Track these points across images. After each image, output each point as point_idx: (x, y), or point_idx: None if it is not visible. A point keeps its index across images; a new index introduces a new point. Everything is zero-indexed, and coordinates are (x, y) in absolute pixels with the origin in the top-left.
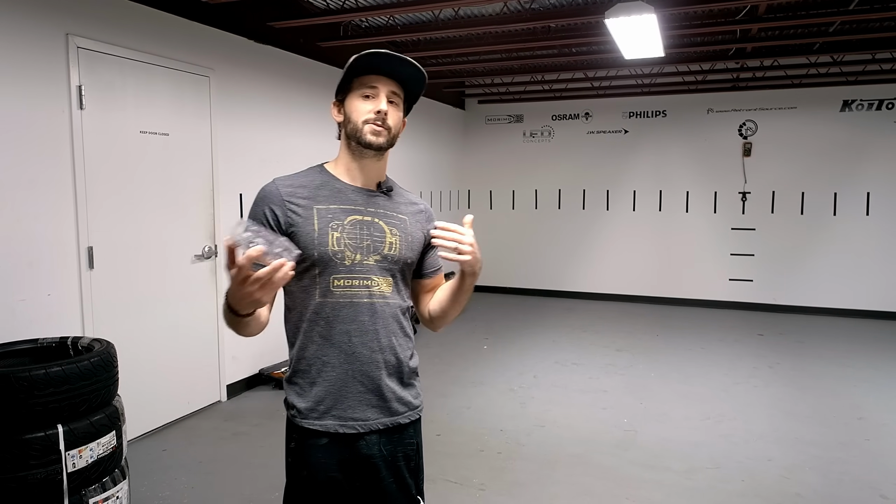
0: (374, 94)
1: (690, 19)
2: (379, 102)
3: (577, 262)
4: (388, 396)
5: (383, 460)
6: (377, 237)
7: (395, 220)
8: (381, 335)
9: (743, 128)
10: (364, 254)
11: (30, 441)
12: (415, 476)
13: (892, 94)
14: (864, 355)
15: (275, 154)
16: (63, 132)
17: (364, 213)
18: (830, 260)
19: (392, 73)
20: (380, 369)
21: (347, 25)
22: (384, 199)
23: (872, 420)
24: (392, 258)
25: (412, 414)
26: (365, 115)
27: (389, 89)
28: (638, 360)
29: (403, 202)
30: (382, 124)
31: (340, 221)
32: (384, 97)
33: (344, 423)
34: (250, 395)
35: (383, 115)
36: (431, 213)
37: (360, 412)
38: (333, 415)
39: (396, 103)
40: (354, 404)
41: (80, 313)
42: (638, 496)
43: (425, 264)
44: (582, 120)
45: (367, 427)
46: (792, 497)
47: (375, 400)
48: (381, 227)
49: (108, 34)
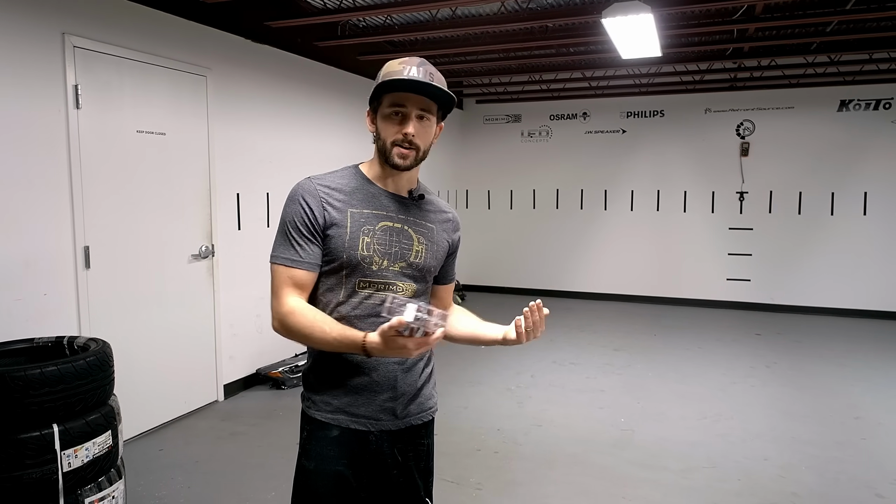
0: (403, 115)
1: (687, 19)
2: (407, 125)
3: (574, 262)
4: (400, 398)
5: (393, 459)
6: (405, 245)
7: (424, 228)
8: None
9: (740, 128)
10: (391, 260)
11: (25, 441)
12: (424, 477)
13: (889, 93)
14: (862, 355)
15: (272, 154)
16: (59, 132)
17: (395, 220)
18: (828, 260)
19: (425, 92)
20: (395, 372)
21: (345, 25)
22: (415, 208)
23: (869, 419)
24: (417, 266)
25: (425, 416)
26: (393, 136)
27: (419, 107)
28: (635, 359)
29: (433, 210)
30: (410, 146)
31: (372, 227)
32: (413, 118)
33: (356, 420)
34: (247, 394)
35: (410, 138)
36: (458, 221)
37: (372, 411)
38: (346, 411)
39: (427, 118)
40: (367, 403)
41: (76, 313)
42: (635, 495)
43: (442, 272)
44: (580, 120)
45: (378, 427)
46: (788, 496)
47: (388, 401)
48: (409, 234)
49: (104, 33)
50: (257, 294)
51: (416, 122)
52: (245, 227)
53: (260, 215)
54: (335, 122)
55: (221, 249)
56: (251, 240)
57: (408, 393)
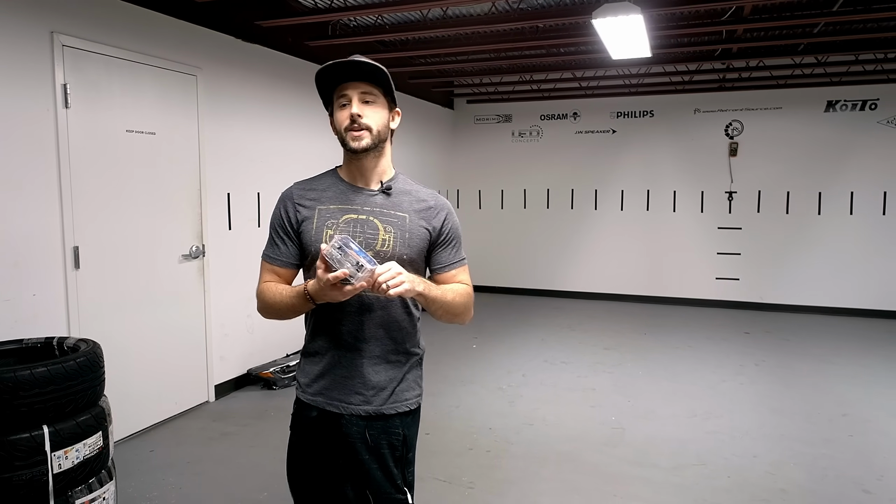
0: (347, 101)
1: (677, 20)
2: (352, 107)
3: (565, 262)
4: (369, 385)
5: (364, 444)
6: (370, 234)
7: (392, 217)
8: (366, 327)
9: (729, 128)
10: None
11: (15, 442)
12: (401, 466)
13: (875, 94)
14: (849, 353)
15: (263, 153)
16: (48, 131)
17: (360, 212)
18: (815, 259)
19: (356, 76)
20: (362, 358)
21: (336, 25)
22: (382, 198)
23: (857, 416)
24: (385, 255)
25: (400, 406)
26: (344, 122)
27: (360, 91)
28: (626, 358)
29: (408, 200)
30: (360, 126)
31: (336, 220)
32: (356, 101)
33: (330, 403)
34: (238, 395)
35: (356, 117)
36: (444, 208)
37: (343, 395)
38: (323, 393)
39: (372, 101)
40: (339, 388)
41: (65, 313)
42: (626, 493)
43: (432, 260)
44: (570, 120)
45: (348, 410)
46: (777, 493)
47: (358, 387)
48: (375, 224)
49: (93, 32)
50: (248, 294)
51: (360, 105)
52: (236, 228)
53: (250, 216)
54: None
55: (212, 250)
56: (242, 240)
57: (379, 385)
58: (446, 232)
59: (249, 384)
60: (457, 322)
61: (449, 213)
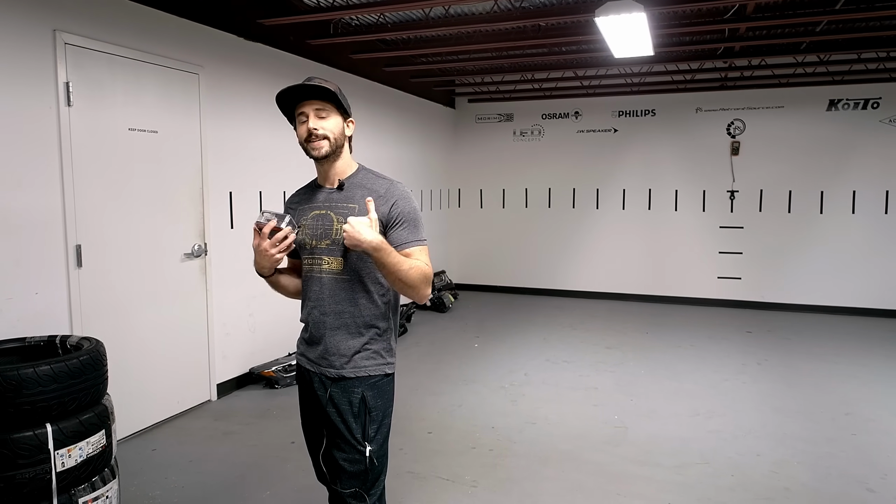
0: (305, 118)
1: (679, 18)
2: (307, 123)
3: (567, 261)
4: (331, 351)
5: (330, 399)
6: (327, 226)
7: (344, 209)
8: (326, 303)
9: (731, 127)
10: (318, 239)
11: (18, 440)
12: (363, 423)
13: (877, 93)
14: (851, 352)
15: (265, 152)
16: (50, 129)
17: (321, 208)
18: (817, 258)
19: (310, 96)
20: (326, 328)
21: (338, 23)
22: (338, 194)
23: (859, 415)
24: (339, 241)
25: (359, 370)
26: (303, 136)
27: (315, 108)
28: (628, 357)
29: (361, 192)
30: (317, 137)
31: (306, 216)
32: (311, 114)
33: (309, 362)
34: (241, 394)
35: (313, 130)
36: (393, 194)
37: (316, 358)
38: (303, 355)
39: (326, 115)
40: (310, 352)
41: (68, 312)
42: (628, 492)
43: (390, 240)
44: (572, 119)
45: (316, 370)
46: (780, 491)
47: (322, 352)
48: (331, 217)
49: (96, 30)
50: (250, 293)
51: (315, 119)
52: (238, 226)
53: (253, 214)
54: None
55: (214, 248)
56: (244, 239)
57: (339, 352)
58: (395, 215)
59: (251, 383)
60: (410, 296)
61: (399, 199)
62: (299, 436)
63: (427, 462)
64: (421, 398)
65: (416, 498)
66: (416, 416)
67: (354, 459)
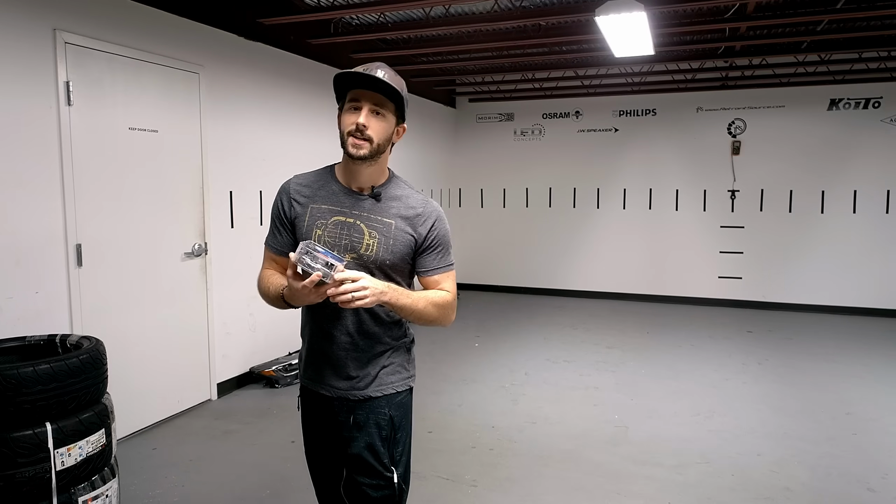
0: (357, 108)
1: (680, 17)
2: (360, 116)
3: (567, 261)
4: (354, 374)
5: (354, 423)
6: (356, 238)
7: (378, 223)
8: (348, 322)
9: (732, 126)
10: (340, 252)
11: (18, 439)
12: (389, 446)
13: (878, 92)
14: (852, 351)
15: (265, 152)
16: (51, 128)
17: (348, 216)
18: (818, 257)
19: (377, 88)
20: (347, 350)
21: (338, 23)
22: (371, 203)
23: (860, 415)
24: (367, 258)
25: (385, 388)
26: (348, 126)
27: (372, 101)
28: (628, 357)
29: (396, 206)
30: (362, 136)
31: (325, 220)
32: (366, 110)
33: (323, 387)
34: (241, 393)
35: (362, 127)
36: (432, 215)
37: (331, 381)
38: (315, 379)
39: (382, 114)
40: (327, 375)
41: (68, 311)
42: (629, 491)
43: (418, 264)
44: (572, 118)
45: (336, 394)
46: (781, 491)
47: (344, 374)
48: (360, 228)
49: (96, 30)
50: (250, 293)
51: (369, 115)
52: (238, 226)
53: (253, 214)
54: (328, 120)
55: (214, 247)
56: (244, 238)
57: (362, 372)
58: (432, 238)
59: (252, 382)
60: (434, 325)
61: (437, 220)
62: (299, 435)
63: (427, 461)
64: (421, 397)
65: (417, 497)
66: (416, 416)
67: (380, 486)
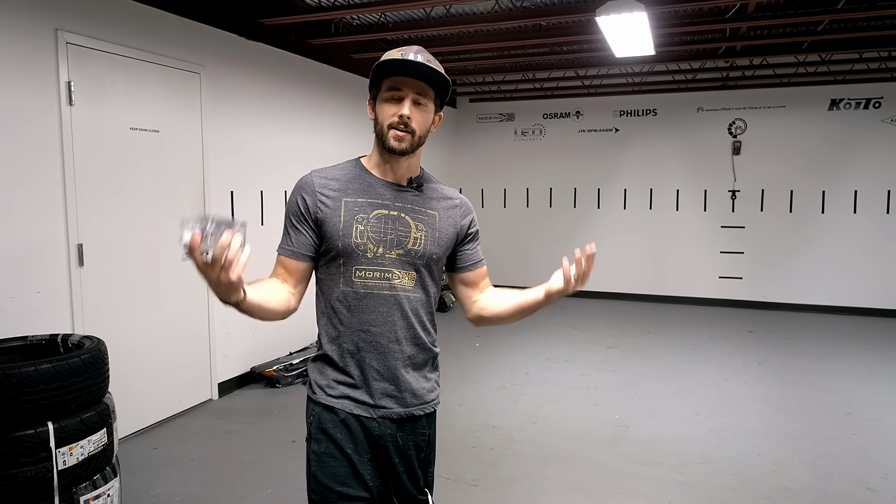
0: (399, 97)
1: (680, 18)
2: (403, 106)
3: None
4: (402, 387)
5: (395, 446)
6: (402, 232)
7: (424, 215)
8: (398, 327)
9: (732, 126)
10: (387, 247)
11: (20, 438)
12: (424, 467)
13: (879, 92)
14: (852, 351)
15: (266, 152)
16: (52, 129)
17: (391, 208)
18: (819, 257)
19: (420, 76)
20: (396, 360)
21: (339, 23)
22: (413, 195)
23: (860, 415)
24: (416, 253)
25: (427, 407)
26: (389, 118)
27: (415, 91)
28: (629, 357)
29: (436, 197)
30: (406, 129)
31: (366, 215)
32: (409, 101)
33: (359, 405)
34: (242, 393)
35: (406, 120)
36: (468, 207)
37: (374, 398)
38: (350, 397)
39: (423, 104)
40: (370, 390)
41: (69, 310)
42: (629, 491)
43: (462, 258)
44: (573, 118)
45: (379, 413)
46: (781, 490)
47: (391, 389)
48: (406, 222)
49: (97, 30)
50: None
51: (412, 106)
52: None
53: (254, 214)
54: (329, 120)
55: None
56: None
57: (410, 387)
58: (473, 231)
59: (253, 382)
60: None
61: (473, 212)
62: (300, 435)
63: None
64: None
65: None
66: None
67: None
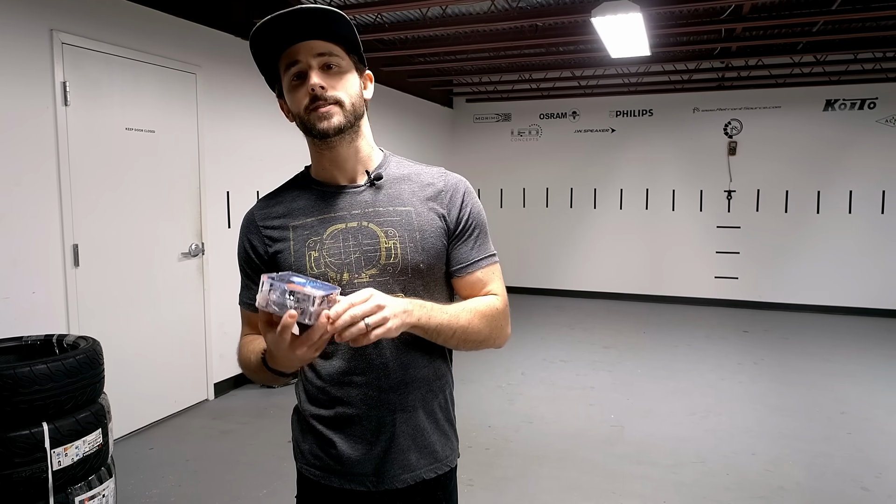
0: (302, 71)
1: (676, 18)
2: (310, 79)
3: (564, 261)
4: (404, 448)
5: None
6: (368, 246)
7: (393, 215)
8: (391, 371)
9: (728, 127)
10: (353, 271)
11: (14, 439)
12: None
13: (873, 93)
14: (848, 351)
15: (262, 152)
16: (48, 129)
17: (347, 219)
18: (814, 257)
19: (307, 33)
20: (392, 413)
21: None
22: (373, 193)
23: (855, 414)
24: (394, 268)
25: (440, 465)
26: (302, 101)
27: (315, 53)
28: (625, 356)
29: (409, 187)
30: (325, 101)
31: (318, 237)
32: (315, 68)
33: (351, 480)
34: (238, 393)
35: (320, 91)
36: (458, 187)
37: (367, 468)
38: (337, 470)
39: (335, 65)
40: (360, 459)
41: (65, 311)
42: (625, 490)
43: (451, 260)
44: (569, 119)
45: (381, 486)
46: (776, 490)
47: (394, 453)
48: (371, 231)
49: (93, 30)
50: None
51: (319, 73)
52: (235, 226)
53: None
54: None
55: (211, 248)
56: None
57: (419, 443)
58: (465, 218)
59: (248, 382)
60: (483, 348)
61: (466, 192)
62: None
63: None
64: None
65: None
66: None
67: None
